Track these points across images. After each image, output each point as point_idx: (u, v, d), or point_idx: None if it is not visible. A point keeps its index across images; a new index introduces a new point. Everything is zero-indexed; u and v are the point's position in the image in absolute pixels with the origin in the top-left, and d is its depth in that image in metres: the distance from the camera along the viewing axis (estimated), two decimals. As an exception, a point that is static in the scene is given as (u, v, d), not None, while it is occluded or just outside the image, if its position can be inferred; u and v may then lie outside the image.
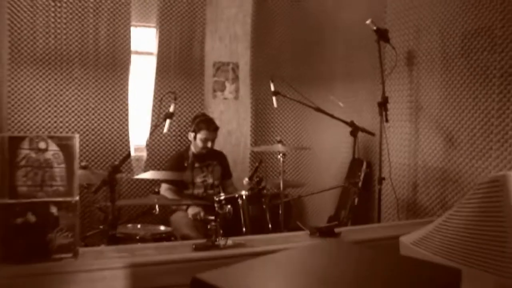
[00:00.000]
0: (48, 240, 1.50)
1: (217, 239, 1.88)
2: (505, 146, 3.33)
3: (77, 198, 1.51)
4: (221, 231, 3.14)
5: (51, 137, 1.47)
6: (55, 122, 4.64)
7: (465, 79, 3.65)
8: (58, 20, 4.61)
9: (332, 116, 3.84)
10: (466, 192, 3.60)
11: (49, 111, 4.62)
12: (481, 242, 1.06)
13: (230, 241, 1.87)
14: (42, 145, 1.47)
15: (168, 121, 3.29)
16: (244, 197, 3.45)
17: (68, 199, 1.49)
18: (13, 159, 1.41)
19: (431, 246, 1.16)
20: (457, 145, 3.71)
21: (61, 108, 4.66)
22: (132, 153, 4.86)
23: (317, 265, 1.22)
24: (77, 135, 1.49)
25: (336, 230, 1.81)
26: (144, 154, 4.96)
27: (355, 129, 3.70)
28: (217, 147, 4.46)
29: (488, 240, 1.05)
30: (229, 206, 3.28)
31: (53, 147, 1.48)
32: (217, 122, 4.48)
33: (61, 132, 4.63)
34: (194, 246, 1.87)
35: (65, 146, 1.49)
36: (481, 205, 1.05)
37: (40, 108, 4.59)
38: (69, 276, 1.55)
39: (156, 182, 4.32)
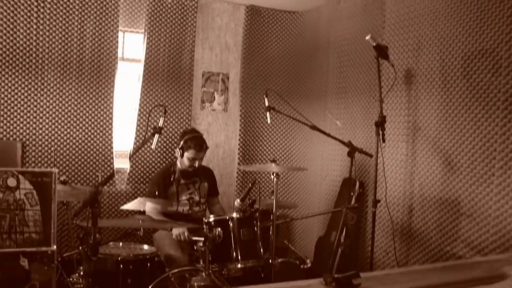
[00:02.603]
0: (16, 300, 1.18)
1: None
2: (508, 173, 3.19)
3: (55, 247, 1.22)
4: (210, 256, 2.98)
5: (23, 173, 1.18)
6: (32, 130, 4.40)
7: (467, 101, 3.52)
8: (41, 22, 4.38)
9: (329, 135, 3.67)
10: (465, 218, 3.47)
11: (27, 118, 4.39)
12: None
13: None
14: (11, 182, 1.17)
15: (156, 136, 3.09)
16: (235, 219, 3.25)
17: (43, 248, 1.19)
18: (-28, 201, 1.10)
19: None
20: (456, 169, 3.57)
21: (40, 115, 4.43)
22: (116, 165, 4.64)
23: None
24: (55, 170, 1.23)
25: (355, 281, 1.62)
26: (127, 166, 4.73)
27: (352, 150, 3.54)
28: (204, 160, 4.24)
29: None
30: (218, 229, 3.11)
31: (25, 185, 1.18)
32: (205, 135, 4.28)
33: (38, 142, 4.39)
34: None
35: (40, 184, 1.19)
36: None
37: (19, 114, 4.36)
38: None
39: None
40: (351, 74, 4.78)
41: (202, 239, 3.08)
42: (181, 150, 3.95)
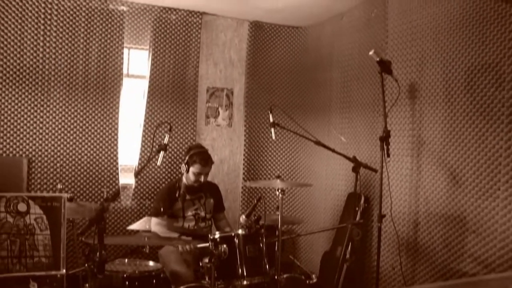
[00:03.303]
0: (25, 325, 1.21)
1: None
2: (514, 187, 3.18)
3: (64, 271, 1.25)
4: (215, 273, 2.98)
5: (33, 198, 1.21)
6: (38, 146, 4.44)
7: (471, 115, 3.52)
8: (47, 39, 4.44)
9: (333, 150, 3.68)
10: (471, 233, 3.45)
11: (33, 134, 4.43)
12: None
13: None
14: (21, 207, 1.19)
15: (162, 153, 3.11)
16: (240, 236, 3.25)
17: (53, 272, 1.22)
18: (-16, 226, 1.13)
19: None
20: (461, 183, 3.56)
21: (46, 131, 4.47)
22: (122, 181, 4.66)
23: None
24: (65, 195, 1.26)
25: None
26: (132, 182, 4.75)
27: (357, 165, 3.54)
28: (208, 175, 4.25)
29: None
30: (224, 246, 3.11)
31: (35, 209, 1.21)
32: (209, 150, 4.30)
33: (43, 158, 4.42)
34: None
35: (50, 208, 1.23)
36: None
37: (25, 130, 4.40)
38: None
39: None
40: (355, 89, 4.79)
41: (207, 244, 3.09)
42: (186, 165, 3.97)
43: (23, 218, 1.18)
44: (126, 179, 4.82)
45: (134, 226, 3.15)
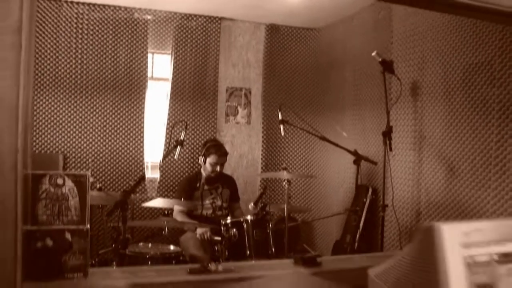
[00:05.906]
0: (63, 261, 1.75)
1: (210, 265, 2.05)
2: (503, 177, 3.41)
3: (88, 226, 1.74)
4: (227, 253, 3.34)
5: (67, 175, 1.72)
6: (72, 144, 4.86)
7: (466, 111, 3.75)
8: (80, 47, 4.85)
9: (336, 144, 3.98)
10: (467, 220, 3.69)
11: (68, 133, 4.85)
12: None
13: (220, 267, 2.04)
14: (59, 181, 1.70)
15: (178, 148, 3.47)
16: (249, 221, 3.60)
17: (81, 227, 1.74)
18: (35, 193, 1.66)
19: (388, 281, 1.30)
20: (458, 174, 3.81)
21: (79, 130, 4.88)
22: (148, 175, 5.04)
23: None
24: (89, 173, 1.72)
25: (318, 259, 1.99)
26: (157, 176, 5.14)
27: (358, 158, 3.83)
28: (228, 169, 4.60)
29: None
30: (234, 230, 3.47)
31: (69, 183, 1.71)
32: (229, 146, 4.65)
33: (77, 154, 4.86)
34: (189, 270, 2.05)
35: (79, 182, 1.73)
36: (421, 251, 1.18)
37: (61, 129, 4.82)
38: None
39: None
40: (364, 88, 5.04)
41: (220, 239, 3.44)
42: (203, 157, 4.35)
43: (61, 188, 1.70)
44: (152, 174, 5.21)
45: (151, 203, 3.51)
